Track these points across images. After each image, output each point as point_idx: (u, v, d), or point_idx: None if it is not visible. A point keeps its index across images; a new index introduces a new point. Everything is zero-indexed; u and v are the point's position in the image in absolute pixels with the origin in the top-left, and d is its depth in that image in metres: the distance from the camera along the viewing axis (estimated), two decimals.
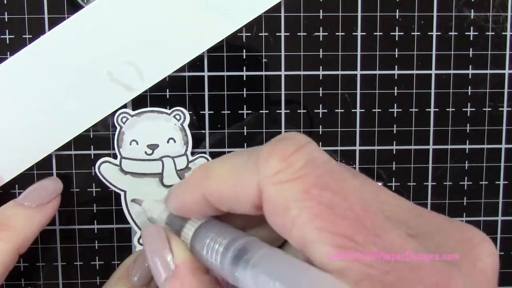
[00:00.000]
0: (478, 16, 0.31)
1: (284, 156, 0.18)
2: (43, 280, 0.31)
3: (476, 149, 0.32)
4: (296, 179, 0.18)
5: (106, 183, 0.30)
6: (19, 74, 0.29)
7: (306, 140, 0.19)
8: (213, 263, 0.20)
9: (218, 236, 0.20)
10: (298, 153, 0.18)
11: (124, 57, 0.29)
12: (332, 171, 0.18)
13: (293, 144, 0.18)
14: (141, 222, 0.30)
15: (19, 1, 0.29)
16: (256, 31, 0.30)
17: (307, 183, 0.17)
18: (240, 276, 0.18)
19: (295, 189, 0.17)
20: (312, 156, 0.18)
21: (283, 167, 0.18)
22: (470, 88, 0.31)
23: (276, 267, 0.18)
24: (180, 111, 0.30)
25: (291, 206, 0.17)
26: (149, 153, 0.30)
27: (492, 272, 0.19)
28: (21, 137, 0.29)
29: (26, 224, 0.27)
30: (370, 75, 0.31)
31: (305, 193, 0.17)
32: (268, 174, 0.18)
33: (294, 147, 0.18)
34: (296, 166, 0.18)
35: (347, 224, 0.17)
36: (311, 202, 0.17)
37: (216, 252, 0.20)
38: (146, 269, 0.29)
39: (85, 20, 0.29)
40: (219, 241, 0.20)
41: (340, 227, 0.17)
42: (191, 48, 0.30)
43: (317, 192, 0.17)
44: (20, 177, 0.30)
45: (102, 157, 0.30)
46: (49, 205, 0.28)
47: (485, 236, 0.19)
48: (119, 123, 0.30)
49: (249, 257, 0.18)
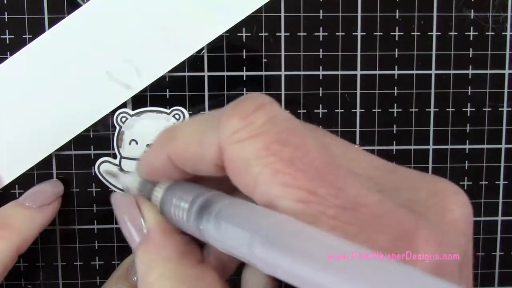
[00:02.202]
0: (478, 16, 0.31)
1: (244, 115, 0.18)
2: (43, 280, 0.31)
3: (476, 149, 0.32)
4: (256, 136, 0.17)
5: (105, 183, 0.30)
6: (18, 74, 0.29)
7: (268, 99, 0.19)
8: (179, 221, 0.20)
9: (183, 194, 0.20)
10: (258, 111, 0.18)
11: (122, 56, 0.29)
12: (293, 127, 0.18)
13: (254, 103, 0.18)
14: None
15: (19, 1, 0.29)
16: (256, 31, 0.30)
17: (267, 140, 0.17)
18: (204, 229, 0.18)
19: (255, 146, 0.17)
20: (273, 114, 0.18)
21: (243, 125, 0.18)
22: (470, 88, 0.31)
23: (238, 214, 0.17)
24: (180, 110, 0.30)
25: (252, 163, 0.17)
26: None
27: (464, 223, 0.18)
28: (21, 137, 0.29)
29: (26, 224, 0.27)
30: (370, 75, 0.31)
31: (266, 150, 0.17)
32: (228, 133, 0.18)
33: (255, 106, 0.18)
34: (256, 123, 0.18)
35: (309, 178, 0.17)
36: (272, 158, 0.17)
37: (182, 210, 0.20)
38: None
39: (82, 19, 0.29)
40: (184, 199, 0.20)
41: (301, 181, 0.17)
42: (189, 45, 0.30)
43: (277, 148, 0.17)
44: (20, 177, 0.30)
45: (102, 157, 0.30)
46: (49, 207, 0.29)
47: (458, 189, 0.19)
48: (118, 123, 0.30)
49: (212, 209, 0.18)
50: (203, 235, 0.19)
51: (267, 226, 0.16)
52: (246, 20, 0.30)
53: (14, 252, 0.26)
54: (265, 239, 0.16)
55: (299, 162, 0.17)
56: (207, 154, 0.19)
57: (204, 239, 0.19)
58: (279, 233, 0.16)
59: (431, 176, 0.20)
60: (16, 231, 0.27)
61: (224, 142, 0.18)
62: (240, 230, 0.17)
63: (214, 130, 0.18)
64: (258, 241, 0.16)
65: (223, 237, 0.17)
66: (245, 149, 0.17)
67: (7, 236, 0.26)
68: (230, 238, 0.17)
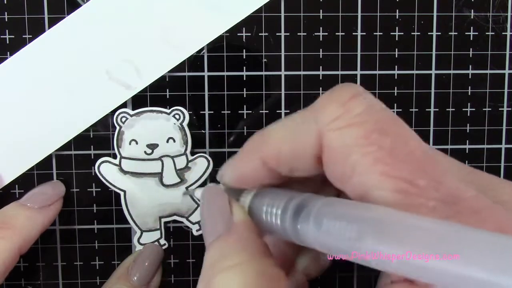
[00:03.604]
0: (478, 16, 0.31)
1: (342, 102, 0.18)
2: (43, 280, 0.31)
3: (476, 149, 0.32)
4: (356, 124, 0.17)
5: (105, 183, 0.30)
6: (18, 74, 0.29)
7: (362, 89, 0.18)
8: (273, 225, 0.20)
9: (274, 199, 0.20)
10: (356, 99, 0.18)
11: (122, 56, 0.29)
12: (391, 117, 0.18)
13: (350, 91, 0.18)
14: (141, 222, 0.30)
15: (19, 1, 0.29)
16: (256, 31, 0.30)
17: (367, 128, 0.17)
18: (302, 227, 0.18)
19: (355, 134, 0.17)
20: (371, 102, 0.18)
21: (342, 112, 0.18)
22: (470, 88, 0.31)
23: (340, 210, 0.17)
24: (180, 110, 0.30)
25: (352, 151, 0.17)
26: (149, 152, 0.30)
27: None
28: (21, 137, 0.29)
29: (28, 224, 0.27)
30: (370, 75, 0.31)
31: (366, 138, 0.17)
32: (327, 120, 0.18)
33: (351, 94, 0.18)
34: (355, 112, 0.17)
35: (409, 168, 0.16)
36: (372, 147, 0.17)
37: (276, 215, 0.19)
38: (146, 269, 0.29)
39: (82, 19, 0.29)
40: (276, 203, 0.20)
41: (402, 171, 0.16)
42: (189, 45, 0.30)
43: (377, 137, 0.17)
44: (20, 177, 0.30)
45: (102, 157, 0.30)
46: (51, 208, 0.29)
47: None
48: (118, 123, 0.30)
49: (309, 209, 0.18)
50: (300, 236, 0.18)
51: (374, 218, 0.16)
52: (246, 20, 0.30)
53: (16, 253, 0.26)
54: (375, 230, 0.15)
55: (399, 152, 0.17)
56: (306, 146, 0.18)
57: (301, 240, 0.18)
58: (388, 224, 0.15)
59: (508, 181, 0.20)
60: (17, 232, 0.27)
61: (323, 129, 0.18)
62: (346, 224, 0.16)
63: (311, 121, 0.18)
64: (370, 233, 0.15)
65: (325, 235, 0.17)
66: (345, 136, 0.17)
67: (9, 237, 0.26)
68: (334, 234, 0.16)
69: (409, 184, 0.16)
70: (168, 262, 0.31)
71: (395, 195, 0.16)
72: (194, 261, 0.31)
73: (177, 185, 0.30)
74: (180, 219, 0.30)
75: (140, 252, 0.30)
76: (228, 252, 0.19)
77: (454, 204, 0.16)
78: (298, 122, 0.19)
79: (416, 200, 0.16)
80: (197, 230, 0.31)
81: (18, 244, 0.26)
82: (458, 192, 0.16)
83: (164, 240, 0.31)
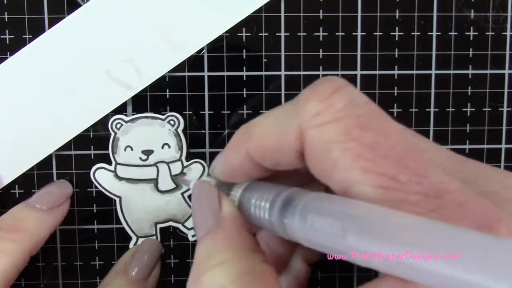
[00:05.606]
0: (478, 16, 0.31)
1: (323, 97, 0.18)
2: (43, 280, 0.31)
3: (476, 149, 0.32)
4: (337, 120, 0.17)
5: (101, 189, 0.30)
6: (18, 74, 0.29)
7: (345, 82, 0.18)
8: (260, 220, 0.20)
9: (263, 193, 0.20)
10: (337, 93, 0.18)
11: (122, 56, 0.29)
12: (373, 111, 0.18)
13: (331, 85, 0.18)
14: (137, 228, 0.30)
15: (19, 1, 0.29)
16: (256, 31, 0.30)
17: (348, 124, 0.17)
18: (289, 222, 0.18)
19: (336, 130, 0.17)
20: (352, 97, 0.18)
21: (322, 108, 0.17)
22: (470, 88, 0.31)
23: (325, 206, 0.17)
24: (175, 116, 0.30)
25: (333, 147, 0.17)
26: (144, 158, 0.30)
27: None
28: (21, 137, 0.29)
29: (38, 226, 0.27)
30: (370, 75, 0.31)
31: (346, 134, 0.17)
32: (307, 116, 0.18)
33: (333, 88, 0.18)
34: (336, 107, 0.17)
35: (390, 164, 0.16)
36: (352, 142, 0.17)
37: (264, 208, 0.20)
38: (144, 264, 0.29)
39: (82, 19, 0.29)
40: (265, 197, 0.20)
41: (383, 167, 0.16)
42: (189, 45, 0.30)
43: (358, 133, 0.17)
44: (20, 177, 0.30)
45: (99, 162, 0.30)
46: (59, 208, 0.29)
47: None
48: (113, 129, 0.30)
49: (296, 204, 0.18)
50: (287, 230, 0.18)
51: (358, 215, 0.16)
52: (246, 20, 0.30)
53: (27, 255, 0.26)
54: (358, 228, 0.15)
55: (380, 147, 0.17)
56: (288, 141, 0.18)
57: (288, 234, 0.18)
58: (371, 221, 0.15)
59: (501, 170, 0.20)
60: (28, 234, 0.27)
61: (304, 125, 0.18)
62: (330, 220, 0.16)
63: (293, 115, 0.18)
64: (352, 229, 0.15)
65: (310, 230, 0.17)
66: (325, 133, 0.17)
67: (20, 240, 0.26)
68: (318, 229, 0.17)
69: (391, 179, 0.16)
70: (168, 262, 0.31)
71: (376, 191, 0.16)
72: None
73: (173, 191, 0.30)
74: (176, 224, 0.30)
75: (139, 246, 0.30)
76: (216, 249, 0.19)
77: (437, 198, 0.16)
78: (281, 117, 0.19)
79: (398, 195, 0.16)
80: (193, 235, 0.31)
81: (29, 246, 0.27)
82: (442, 185, 0.16)
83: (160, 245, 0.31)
